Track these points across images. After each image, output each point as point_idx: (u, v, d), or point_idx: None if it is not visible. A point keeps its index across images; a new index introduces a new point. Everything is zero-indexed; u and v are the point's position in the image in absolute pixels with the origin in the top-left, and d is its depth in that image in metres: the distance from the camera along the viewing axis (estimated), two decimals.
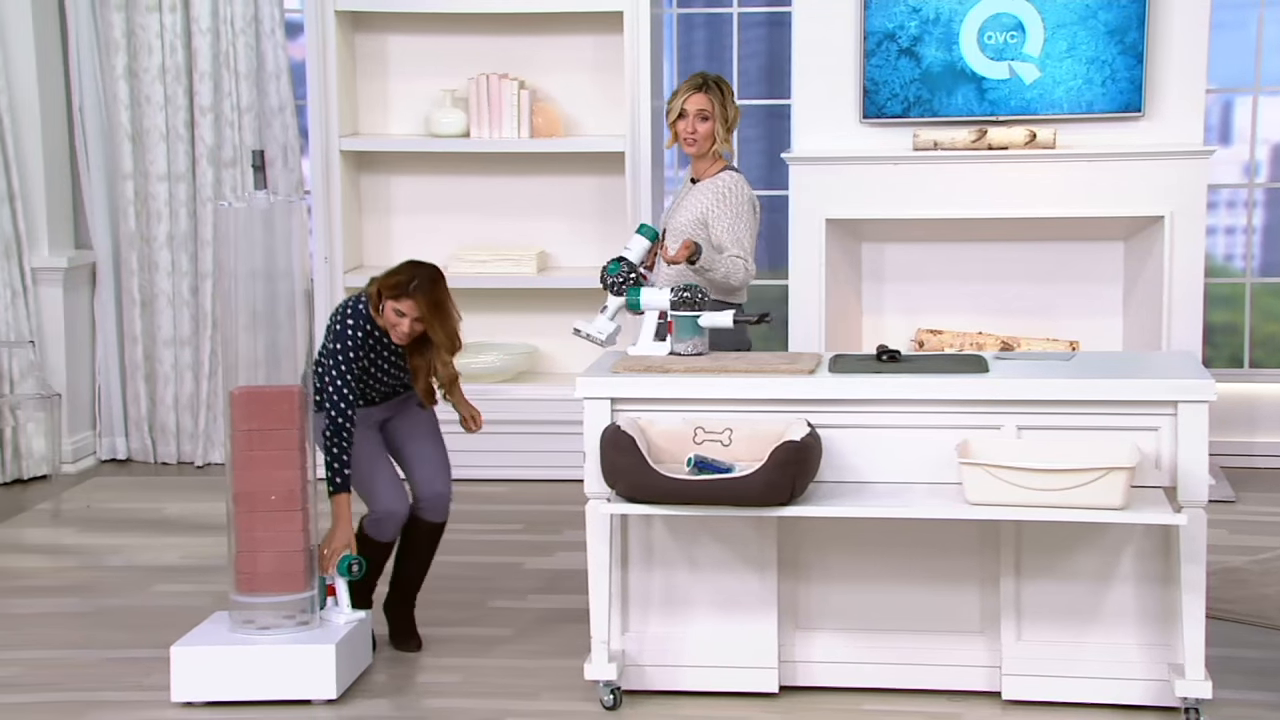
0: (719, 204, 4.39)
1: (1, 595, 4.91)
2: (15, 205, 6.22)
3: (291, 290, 4.09)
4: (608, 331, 4.28)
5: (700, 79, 4.44)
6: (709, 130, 4.41)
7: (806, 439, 3.76)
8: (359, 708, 3.98)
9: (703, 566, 4.03)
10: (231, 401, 4.05)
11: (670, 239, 4.43)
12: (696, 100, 4.41)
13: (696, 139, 4.41)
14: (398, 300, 4.16)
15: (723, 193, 4.39)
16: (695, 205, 4.43)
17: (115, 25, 6.31)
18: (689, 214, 4.43)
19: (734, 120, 4.45)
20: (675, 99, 4.44)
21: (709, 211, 4.40)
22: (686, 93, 4.42)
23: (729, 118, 4.43)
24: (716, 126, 4.41)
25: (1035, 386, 3.85)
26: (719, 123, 4.41)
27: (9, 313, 6.19)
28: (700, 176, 4.48)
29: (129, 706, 4.00)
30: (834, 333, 5.86)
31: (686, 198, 4.48)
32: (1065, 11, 5.73)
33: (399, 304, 4.16)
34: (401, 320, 4.17)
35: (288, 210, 4.08)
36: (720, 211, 4.38)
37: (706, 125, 4.40)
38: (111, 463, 6.58)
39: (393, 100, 6.41)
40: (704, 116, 4.40)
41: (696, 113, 4.40)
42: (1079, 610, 3.92)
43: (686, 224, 4.42)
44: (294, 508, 4.05)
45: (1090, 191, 5.72)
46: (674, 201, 4.55)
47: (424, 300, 4.15)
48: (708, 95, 4.41)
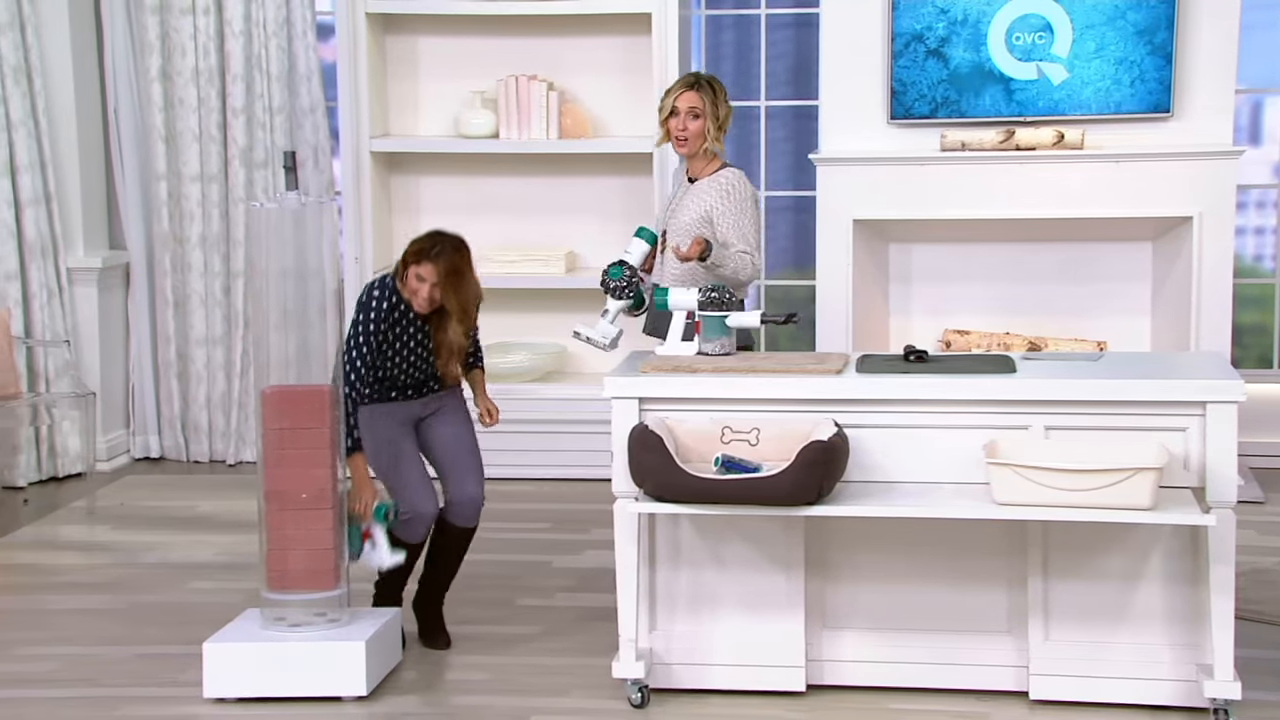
0: (723, 201, 4.40)
1: (38, 591, 4.97)
2: (51, 206, 6.29)
3: (322, 290, 4.12)
4: (611, 335, 4.32)
5: (693, 77, 4.45)
6: (700, 128, 4.41)
7: (834, 439, 3.77)
8: (389, 704, 4.01)
9: (730, 565, 4.04)
10: (263, 400, 4.09)
11: (674, 238, 4.44)
12: (688, 98, 4.40)
13: (687, 136, 4.41)
14: (419, 264, 4.18)
15: (726, 190, 4.41)
16: (698, 203, 4.44)
17: (150, 28, 6.37)
18: (692, 213, 4.44)
19: (725, 119, 4.45)
20: (667, 97, 4.43)
21: (713, 209, 4.41)
22: (678, 90, 4.42)
23: (720, 116, 4.43)
24: (708, 125, 4.41)
25: (1063, 387, 3.85)
26: (710, 121, 4.41)
27: (45, 312, 6.26)
28: (698, 175, 4.49)
29: (162, 702, 4.04)
30: (861, 333, 5.86)
31: (686, 197, 4.49)
32: (1094, 12, 5.72)
33: (420, 268, 4.18)
34: (421, 286, 4.18)
35: (319, 211, 4.12)
36: (725, 208, 4.39)
37: (698, 123, 4.41)
38: (145, 461, 6.64)
39: (423, 101, 6.44)
40: (695, 114, 4.40)
41: (688, 110, 4.39)
42: (1107, 610, 3.92)
43: (690, 223, 4.43)
44: (324, 506, 4.08)
45: (1118, 192, 5.71)
46: (672, 201, 4.56)
47: (444, 265, 4.16)
48: (699, 93, 4.41)
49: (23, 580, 5.09)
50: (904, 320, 6.02)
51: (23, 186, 6.20)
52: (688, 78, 4.46)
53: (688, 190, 4.48)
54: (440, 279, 4.17)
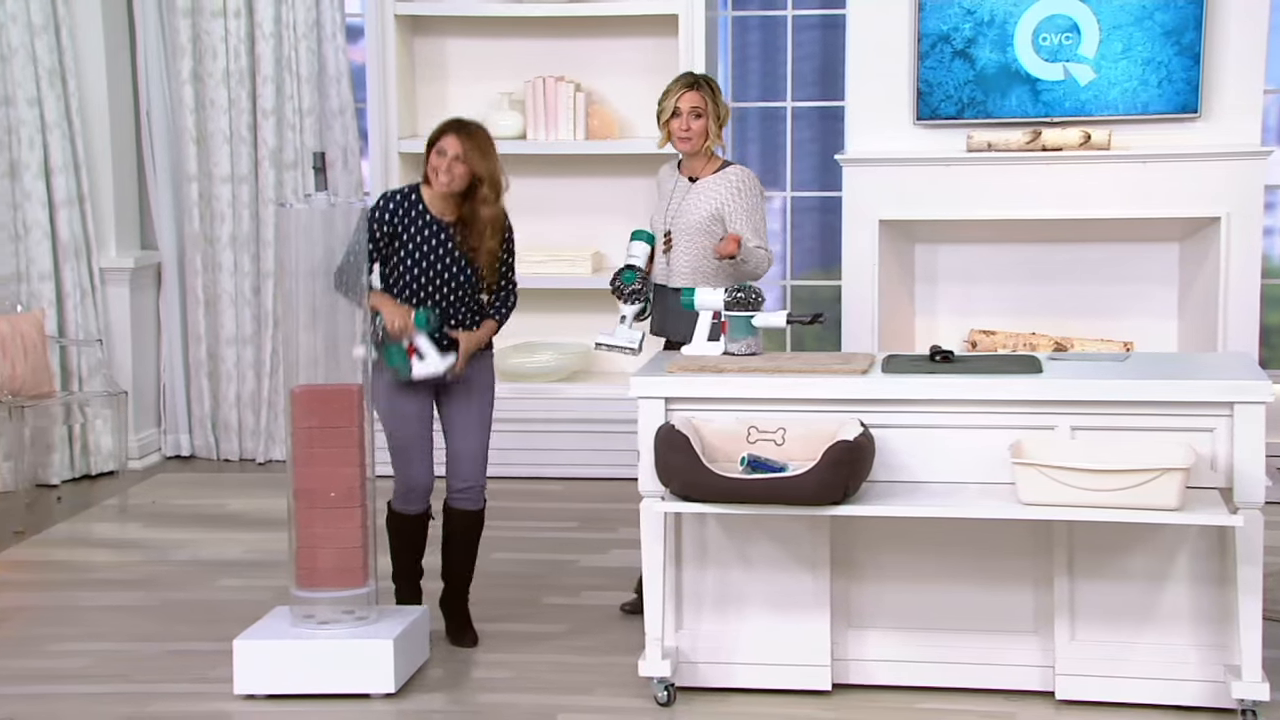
0: (735, 198, 4.42)
1: (71, 588, 5.02)
2: (85, 207, 6.35)
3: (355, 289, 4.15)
4: (637, 340, 4.41)
5: (691, 78, 4.49)
6: (703, 127, 4.45)
7: (860, 439, 3.78)
8: (416, 702, 4.03)
9: (756, 565, 4.06)
10: (292, 399, 4.12)
11: (682, 239, 4.44)
12: (690, 98, 4.43)
13: (691, 135, 4.43)
14: (439, 140, 4.16)
15: (737, 187, 4.43)
16: (706, 202, 4.45)
17: (182, 30, 6.43)
18: (700, 212, 4.45)
19: (725, 117, 4.50)
20: (668, 98, 4.45)
21: (724, 206, 4.43)
22: (679, 91, 4.44)
23: (720, 114, 4.48)
24: (709, 123, 4.46)
25: (1089, 387, 3.85)
26: (711, 119, 4.46)
27: (78, 312, 6.33)
28: (698, 174, 4.50)
29: (193, 698, 4.08)
30: (887, 333, 5.87)
31: (690, 196, 4.48)
32: (1121, 13, 5.71)
33: (440, 143, 4.15)
34: (442, 161, 4.15)
35: (348, 211, 4.15)
36: (738, 205, 4.41)
37: (700, 122, 4.44)
38: (176, 459, 6.70)
39: (451, 102, 6.48)
40: (697, 114, 4.43)
41: (690, 110, 4.42)
42: (1133, 611, 3.91)
43: (700, 221, 4.44)
44: (353, 504, 4.12)
45: (1145, 192, 5.69)
46: (671, 202, 4.51)
47: (465, 137, 4.14)
48: (700, 93, 4.44)
49: (56, 577, 5.14)
50: (929, 320, 6.02)
51: (57, 188, 6.27)
52: (686, 78, 4.49)
53: (690, 190, 4.49)
54: (463, 150, 4.12)
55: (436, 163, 4.18)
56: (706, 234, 4.41)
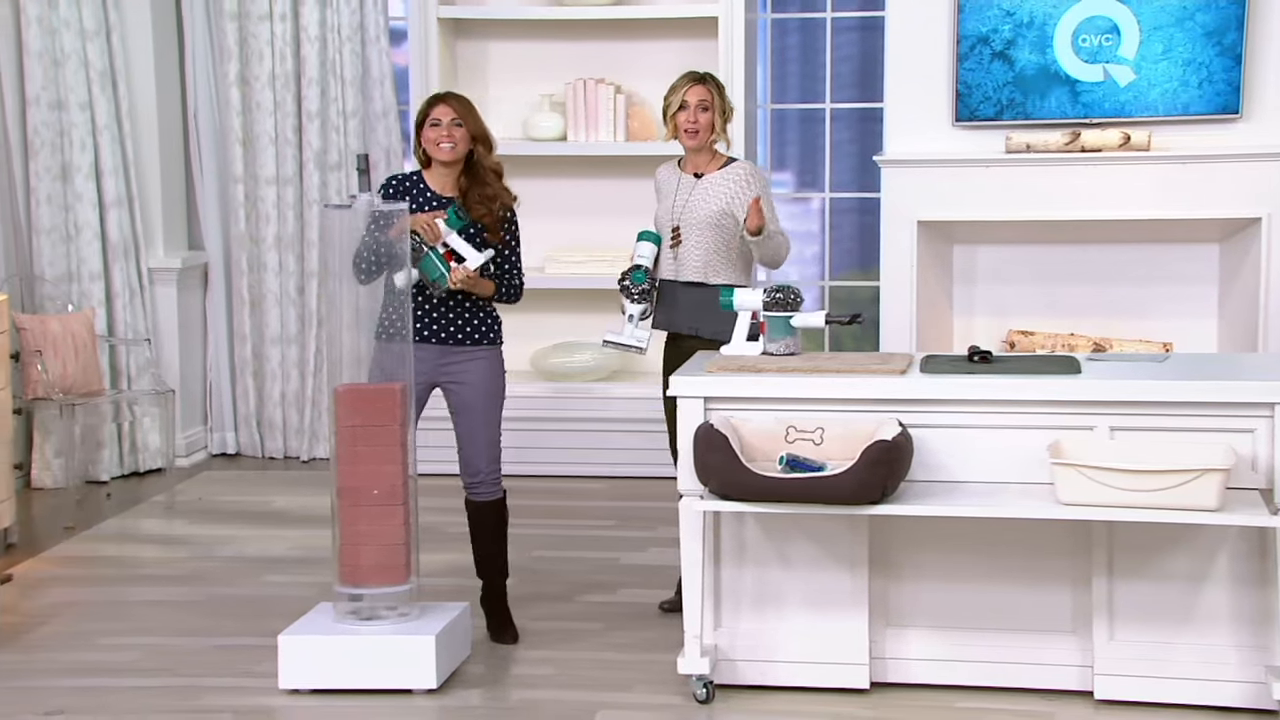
0: (745, 190, 4.46)
1: (119, 583, 5.09)
2: (133, 208, 6.45)
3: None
4: (644, 338, 4.49)
5: (697, 74, 4.55)
6: (709, 120, 4.49)
7: (898, 438, 3.80)
8: (457, 698, 4.07)
9: (794, 563, 4.08)
10: (336, 398, 4.17)
11: (692, 234, 4.49)
12: (697, 92, 4.49)
13: (699, 128, 4.47)
14: (430, 110, 4.27)
15: (745, 180, 4.48)
16: (715, 198, 4.47)
17: (229, 34, 6.51)
18: (710, 207, 4.47)
19: (729, 114, 4.56)
20: (675, 93, 4.51)
21: (733, 201, 4.46)
22: (686, 85, 4.50)
23: (725, 110, 4.54)
24: (715, 117, 4.51)
25: (1128, 388, 3.85)
26: (717, 114, 4.51)
27: (127, 311, 6.42)
28: (703, 170, 4.52)
29: (239, 692, 4.13)
30: (925, 334, 5.87)
31: (696, 192, 4.50)
32: (1162, 13, 5.69)
33: (432, 113, 4.27)
34: (438, 129, 4.25)
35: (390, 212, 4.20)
36: (747, 196, 4.45)
37: (707, 115, 4.49)
38: (221, 457, 6.78)
39: (492, 105, 6.53)
40: (704, 107, 4.48)
41: (697, 103, 4.47)
42: (1172, 611, 3.91)
43: (710, 216, 4.47)
44: (396, 502, 4.16)
45: (1185, 193, 5.67)
46: (678, 199, 4.53)
47: (454, 102, 4.28)
48: (707, 87, 4.50)
49: (105, 572, 5.22)
50: (968, 321, 6.02)
51: (107, 189, 6.36)
52: (691, 74, 4.56)
53: (696, 185, 4.53)
54: (457, 111, 4.26)
55: (435, 134, 4.27)
56: (716, 229, 4.46)
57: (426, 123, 4.28)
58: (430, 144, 4.28)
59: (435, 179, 4.33)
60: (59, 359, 5.90)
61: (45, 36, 6.19)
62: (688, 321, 4.48)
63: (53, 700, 4.09)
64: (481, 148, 4.30)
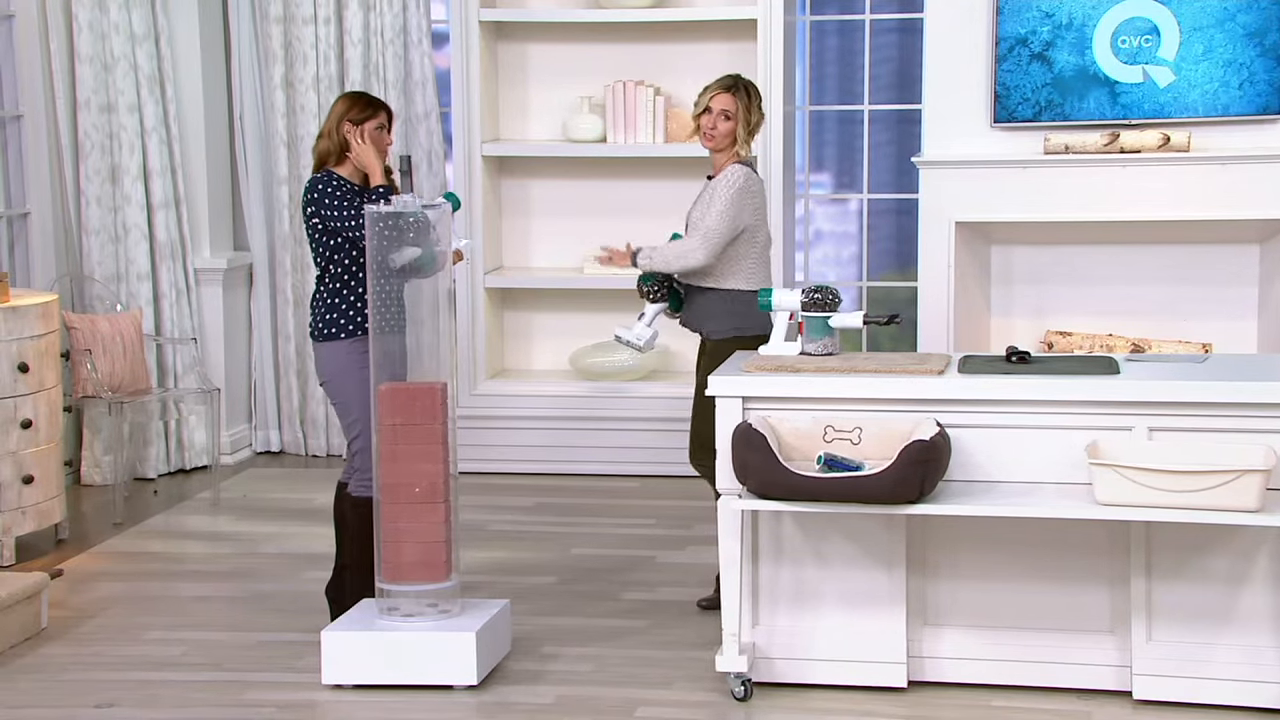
0: (717, 187, 4.53)
1: (167, 579, 5.17)
2: (180, 210, 6.53)
3: (435, 290, 4.25)
4: (646, 338, 4.58)
5: (731, 80, 4.55)
6: (729, 129, 4.50)
7: (935, 438, 3.81)
8: (497, 694, 4.11)
9: (832, 562, 4.10)
10: (378, 397, 4.23)
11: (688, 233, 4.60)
12: (722, 100, 4.49)
13: (715, 135, 4.50)
14: (375, 115, 4.48)
15: (724, 180, 4.53)
16: (704, 199, 4.57)
17: (274, 37, 6.59)
18: (700, 209, 4.57)
19: (756, 125, 4.54)
20: (703, 95, 4.53)
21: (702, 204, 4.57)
22: (715, 90, 4.51)
23: (751, 121, 4.52)
24: (738, 128, 4.51)
25: (1167, 388, 3.85)
26: (741, 125, 4.51)
27: (174, 311, 6.51)
28: (716, 173, 4.60)
29: (284, 687, 4.18)
30: (962, 334, 5.87)
31: (701, 196, 4.62)
32: (1202, 14, 5.67)
33: (378, 118, 4.48)
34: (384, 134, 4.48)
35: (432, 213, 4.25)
36: (712, 199, 4.52)
37: (728, 124, 4.49)
38: (266, 454, 6.84)
39: (532, 107, 6.58)
40: (726, 115, 4.49)
41: (719, 111, 4.49)
42: (1211, 611, 3.90)
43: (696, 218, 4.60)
44: (436, 500, 4.20)
45: (1225, 194, 5.65)
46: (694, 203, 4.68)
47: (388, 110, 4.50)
48: (734, 96, 4.49)
49: (153, 568, 5.30)
50: (1005, 321, 6.01)
51: (154, 191, 6.45)
52: (726, 79, 4.55)
53: (704, 189, 4.63)
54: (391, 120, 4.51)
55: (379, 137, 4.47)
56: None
57: (372, 124, 4.45)
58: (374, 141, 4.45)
59: (351, 175, 4.48)
60: (108, 358, 5.99)
61: (96, 41, 6.29)
62: (699, 324, 4.59)
63: (103, 693, 4.16)
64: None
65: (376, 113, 4.48)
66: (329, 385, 4.48)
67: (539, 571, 5.16)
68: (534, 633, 4.52)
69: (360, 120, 4.45)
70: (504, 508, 5.97)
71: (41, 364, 5.38)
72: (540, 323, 6.73)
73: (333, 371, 4.43)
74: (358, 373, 4.36)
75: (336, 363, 4.42)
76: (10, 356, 5.26)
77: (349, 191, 4.42)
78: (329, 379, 4.46)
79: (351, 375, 4.38)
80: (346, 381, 4.40)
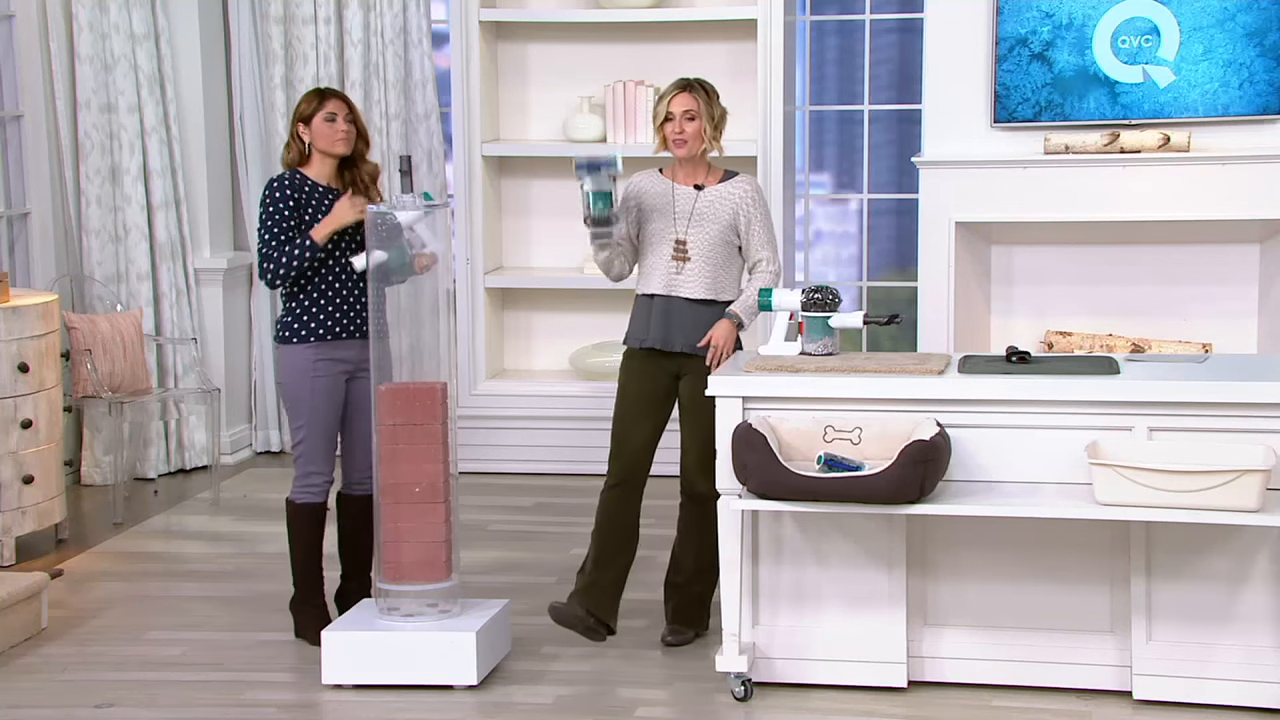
0: (756, 209, 4.33)
1: (167, 579, 5.17)
2: (180, 210, 6.54)
3: (435, 290, 4.26)
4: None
5: (685, 81, 4.35)
6: (697, 129, 4.29)
7: (936, 438, 3.81)
8: (497, 694, 4.11)
9: (832, 562, 4.10)
10: (378, 397, 4.24)
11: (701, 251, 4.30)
12: (682, 100, 4.30)
13: (686, 139, 4.28)
14: (322, 106, 4.38)
15: (753, 198, 4.33)
16: (721, 214, 4.31)
17: (274, 37, 6.59)
18: (719, 223, 4.31)
19: (721, 120, 4.35)
20: (660, 103, 4.33)
21: (738, 217, 4.32)
22: (672, 94, 4.32)
23: (716, 117, 4.31)
24: (704, 125, 4.29)
25: (1167, 388, 3.85)
26: (706, 122, 4.29)
27: (174, 311, 6.51)
28: (703, 182, 4.35)
29: (284, 687, 4.19)
30: (962, 334, 5.88)
31: (699, 206, 4.32)
32: (1202, 14, 5.67)
33: (325, 109, 4.37)
34: (334, 122, 4.36)
35: (432, 214, 4.25)
36: (757, 215, 4.32)
37: (694, 125, 4.29)
38: (265, 454, 6.84)
39: (532, 107, 6.58)
40: (690, 116, 4.28)
41: (683, 113, 4.28)
42: (1212, 612, 3.91)
43: (719, 233, 4.31)
44: (437, 500, 4.21)
45: (1225, 194, 5.65)
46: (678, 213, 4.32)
47: (343, 99, 4.40)
48: (693, 95, 4.30)
49: (153, 568, 5.30)
50: (1005, 322, 6.02)
51: (154, 191, 6.46)
52: (679, 82, 4.35)
53: (698, 199, 4.34)
54: (349, 108, 4.39)
55: (331, 128, 4.37)
56: (725, 245, 4.32)
57: (319, 116, 4.37)
58: (325, 139, 4.37)
59: (317, 173, 4.42)
60: (108, 358, 6.00)
61: (96, 41, 6.29)
62: (686, 339, 4.31)
63: (103, 693, 4.16)
64: (364, 144, 4.47)
65: (323, 103, 4.37)
66: (280, 388, 4.48)
67: (539, 571, 5.16)
68: (534, 633, 4.52)
69: (309, 115, 4.39)
70: (504, 508, 5.98)
71: (41, 364, 5.38)
72: (540, 323, 6.73)
73: (283, 375, 4.44)
74: (307, 380, 4.35)
75: (285, 367, 4.42)
76: (10, 356, 5.26)
77: (290, 204, 4.35)
78: (280, 381, 4.46)
79: (298, 381, 4.37)
80: (292, 387, 4.39)
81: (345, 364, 4.40)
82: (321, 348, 4.36)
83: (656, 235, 4.37)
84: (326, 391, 4.35)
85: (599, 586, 4.32)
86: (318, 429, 4.36)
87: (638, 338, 4.39)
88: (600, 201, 4.25)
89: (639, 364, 4.39)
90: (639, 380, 4.36)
